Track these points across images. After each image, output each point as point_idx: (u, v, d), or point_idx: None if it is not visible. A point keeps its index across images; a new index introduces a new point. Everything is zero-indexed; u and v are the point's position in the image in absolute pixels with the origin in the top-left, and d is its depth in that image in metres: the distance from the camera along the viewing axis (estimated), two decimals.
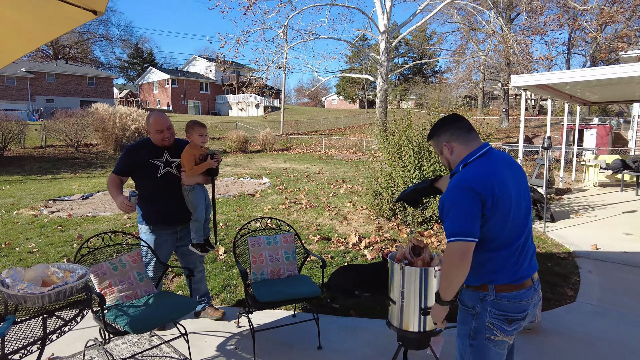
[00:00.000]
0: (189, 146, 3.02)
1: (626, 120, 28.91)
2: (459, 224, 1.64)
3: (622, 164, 10.11)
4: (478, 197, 1.64)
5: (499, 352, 1.77)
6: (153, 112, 3.07)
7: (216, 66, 24.61)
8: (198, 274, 3.36)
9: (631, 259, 4.94)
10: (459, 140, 1.83)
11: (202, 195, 3.10)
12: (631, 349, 3.03)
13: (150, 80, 49.94)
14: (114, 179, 3.06)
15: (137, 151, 3.06)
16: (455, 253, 1.63)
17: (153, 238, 3.09)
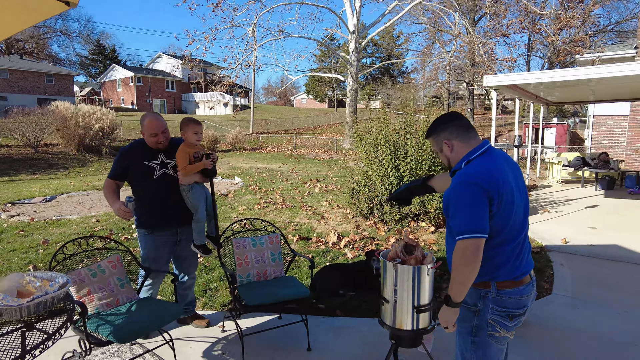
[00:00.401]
0: (183, 145, 2.90)
1: (582, 120, 30.44)
2: (469, 221, 1.63)
3: (582, 161, 10.62)
4: (485, 193, 1.64)
5: (500, 347, 1.79)
6: (148, 115, 2.93)
7: (183, 64, 24.06)
8: (189, 281, 3.22)
9: (597, 251, 5.18)
10: (459, 138, 1.82)
11: (202, 195, 2.97)
12: (606, 338, 3.16)
13: (114, 78, 48.18)
14: (109, 185, 2.93)
15: (131, 154, 2.92)
16: (469, 250, 1.61)
17: (151, 242, 2.98)
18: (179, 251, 3.10)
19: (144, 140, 2.95)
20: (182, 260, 3.16)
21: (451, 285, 1.71)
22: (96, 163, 16.07)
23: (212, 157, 2.94)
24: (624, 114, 16.37)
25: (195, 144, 2.92)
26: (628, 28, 32.44)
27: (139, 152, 2.92)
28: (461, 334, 1.87)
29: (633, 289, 4.10)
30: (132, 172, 2.90)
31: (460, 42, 28.05)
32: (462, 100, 45.64)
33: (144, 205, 2.91)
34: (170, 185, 2.94)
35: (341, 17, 22.24)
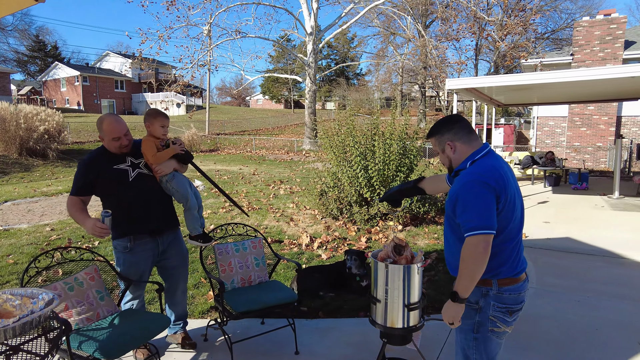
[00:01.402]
0: (147, 137, 2.72)
1: (526, 120, 32.40)
2: (479, 218, 1.68)
3: (532, 160, 11.30)
4: (493, 191, 1.71)
5: (499, 342, 1.88)
6: (106, 117, 2.64)
7: (135, 63, 23.07)
8: (179, 295, 2.97)
9: (554, 244, 5.55)
10: (462, 140, 1.89)
11: (185, 181, 2.76)
12: (570, 323, 3.40)
13: (57, 77, 45.27)
14: (74, 202, 2.63)
15: (95, 163, 2.65)
16: (480, 246, 1.67)
17: (130, 260, 2.71)
18: (164, 262, 2.86)
19: (104, 147, 2.69)
20: (169, 272, 2.91)
21: (459, 281, 1.75)
22: (42, 167, 15.07)
23: (178, 141, 2.76)
24: (563, 115, 17.62)
25: (161, 138, 2.74)
26: (562, 36, 35.00)
27: (102, 160, 2.66)
28: (463, 330, 1.93)
29: (587, 277, 4.43)
30: (101, 182, 2.63)
31: (413, 45, 28.99)
32: (415, 102, 47.10)
33: (123, 214, 2.62)
34: (149, 185, 2.72)
35: (298, 19, 22.27)
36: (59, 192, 10.26)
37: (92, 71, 45.20)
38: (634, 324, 3.39)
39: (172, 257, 2.86)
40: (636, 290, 4.11)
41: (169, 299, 2.97)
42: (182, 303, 3.04)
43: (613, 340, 3.15)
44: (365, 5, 22.58)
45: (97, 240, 5.87)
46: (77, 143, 20.78)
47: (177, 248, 2.90)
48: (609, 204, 8.01)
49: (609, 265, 4.82)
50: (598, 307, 3.71)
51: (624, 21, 15.35)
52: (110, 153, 2.68)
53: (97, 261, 2.78)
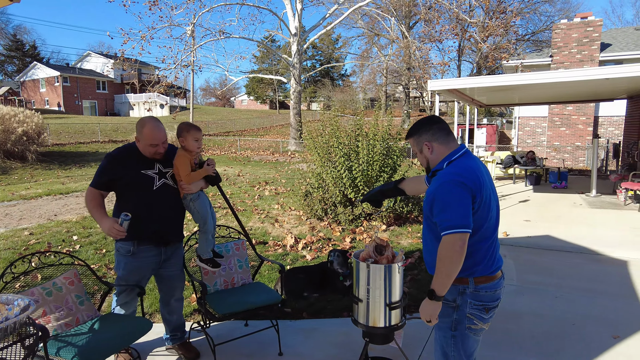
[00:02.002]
0: (181, 151, 2.65)
1: (508, 120, 32.96)
2: (456, 217, 1.71)
3: (513, 159, 11.51)
4: (470, 191, 1.75)
5: (476, 338, 1.92)
6: (147, 121, 2.59)
7: (117, 64, 22.72)
8: (174, 304, 2.91)
9: (534, 242, 5.67)
10: (439, 141, 1.92)
11: (208, 203, 2.74)
12: (548, 319, 3.48)
13: (36, 77, 44.24)
14: (95, 196, 2.56)
15: (124, 161, 2.59)
16: (457, 244, 1.70)
17: (133, 264, 2.65)
18: (162, 271, 2.81)
19: (134, 146, 2.63)
20: (166, 281, 2.86)
21: (436, 279, 1.78)
22: (20, 170, 14.72)
23: (210, 162, 2.73)
24: (544, 115, 18.00)
25: (195, 152, 2.70)
26: (542, 38, 35.77)
27: (133, 160, 2.59)
28: (441, 328, 1.96)
29: (566, 274, 4.53)
30: (125, 182, 2.57)
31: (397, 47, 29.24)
32: (399, 103, 47.51)
33: (138, 220, 2.54)
34: (169, 197, 2.67)
35: (282, 19, 22.25)
36: (39, 196, 10.04)
37: (73, 71, 44.33)
38: (608, 318, 3.49)
39: (172, 267, 2.83)
40: (611, 285, 4.22)
41: (164, 307, 2.93)
42: (178, 312, 2.97)
43: (589, 334, 3.24)
44: (350, 6, 22.68)
45: (78, 244, 5.77)
46: (57, 145, 20.34)
47: (177, 258, 2.87)
48: (586, 202, 8.22)
49: (587, 262, 4.95)
50: (575, 303, 3.81)
51: (600, 24, 15.76)
52: (141, 155, 2.63)
53: (77, 265, 2.73)
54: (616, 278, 4.42)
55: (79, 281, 2.57)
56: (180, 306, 2.97)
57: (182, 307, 3.01)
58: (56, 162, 16.83)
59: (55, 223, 7.02)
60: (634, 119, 11.46)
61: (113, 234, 2.44)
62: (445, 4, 20.91)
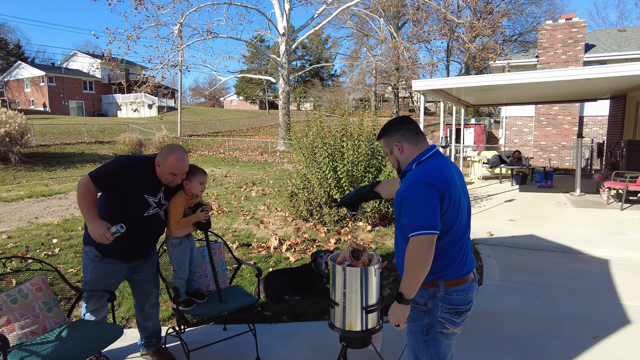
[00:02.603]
0: (181, 193, 2.64)
1: (496, 120, 33.26)
2: (423, 218, 1.69)
3: (499, 159, 11.58)
4: (438, 191, 1.73)
5: (449, 342, 1.89)
6: (176, 150, 2.51)
7: (103, 63, 22.44)
8: (149, 309, 2.83)
9: (518, 241, 5.68)
10: (409, 142, 1.91)
11: (188, 251, 2.74)
12: (529, 319, 3.48)
13: (20, 77, 43.48)
14: (92, 192, 2.42)
15: (135, 173, 2.50)
16: (424, 245, 1.67)
17: (101, 269, 2.58)
18: (135, 276, 2.74)
19: (153, 165, 2.55)
20: (139, 286, 2.79)
21: (404, 282, 1.75)
22: (2, 172, 14.43)
23: (206, 208, 2.70)
24: (530, 115, 18.17)
25: (199, 195, 2.71)
26: (529, 38, 36.17)
27: (143, 178, 2.52)
28: (413, 333, 1.94)
29: (548, 274, 4.55)
30: (124, 192, 2.48)
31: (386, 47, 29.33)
32: (389, 103, 47.67)
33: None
34: (155, 225, 2.65)
35: (270, 19, 22.15)
36: (20, 198, 9.84)
37: (59, 71, 43.68)
38: (588, 317, 3.50)
39: (144, 271, 2.77)
40: (592, 284, 4.25)
41: (139, 314, 2.86)
42: (154, 318, 2.90)
43: (568, 334, 3.24)
44: (338, 6, 22.67)
45: (57, 247, 5.65)
46: (42, 146, 20.00)
47: (149, 262, 2.81)
48: (570, 201, 8.29)
49: (569, 261, 4.97)
50: (557, 302, 3.82)
51: (584, 25, 15.95)
52: (154, 177, 2.56)
53: (46, 271, 2.65)
54: (597, 277, 4.44)
55: (47, 287, 2.49)
56: (155, 312, 2.90)
57: (157, 313, 2.93)
58: (40, 163, 16.54)
59: (36, 226, 6.88)
60: (616, 118, 11.62)
61: (102, 239, 2.37)
62: (432, 5, 21.01)
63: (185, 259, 2.74)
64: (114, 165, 2.49)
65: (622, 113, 11.08)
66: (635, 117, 10.13)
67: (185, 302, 2.73)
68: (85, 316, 2.66)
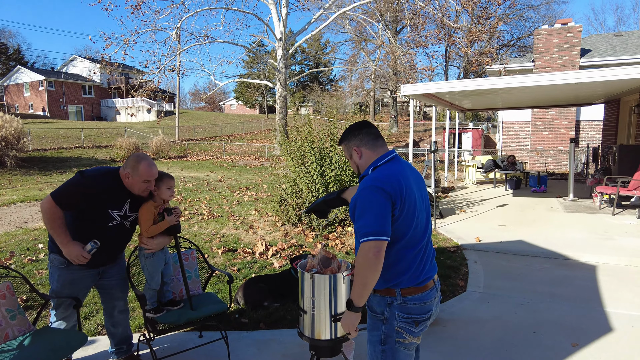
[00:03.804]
0: (149, 202, 2.62)
1: (494, 125, 33.24)
2: (372, 223, 1.66)
3: (494, 163, 11.55)
4: (389, 197, 1.70)
5: (408, 353, 1.85)
6: (144, 157, 2.51)
7: (101, 68, 22.47)
8: (118, 315, 2.80)
9: (506, 247, 5.64)
10: (367, 146, 1.90)
11: (161, 262, 2.72)
12: (510, 327, 3.43)
13: (20, 81, 43.64)
14: (59, 215, 2.40)
15: (98, 188, 2.46)
16: (371, 251, 1.64)
17: (67, 276, 2.55)
18: (102, 281, 2.72)
19: (118, 178, 2.51)
20: (106, 292, 2.76)
21: (353, 288, 1.71)
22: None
23: (175, 211, 2.68)
24: (527, 119, 18.16)
25: (168, 200, 2.68)
26: (527, 43, 36.24)
27: (107, 194, 2.49)
28: (372, 342, 1.89)
29: (534, 280, 4.50)
30: (88, 212, 2.46)
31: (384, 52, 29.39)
32: (387, 108, 47.69)
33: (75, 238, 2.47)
34: (120, 235, 2.64)
35: (268, 24, 22.20)
36: (13, 202, 9.81)
37: (58, 76, 43.82)
38: (570, 325, 3.46)
39: (112, 277, 2.74)
40: (576, 290, 4.20)
41: (108, 320, 2.83)
42: (123, 324, 2.87)
43: (548, 342, 3.19)
44: (335, 11, 22.73)
45: (42, 252, 5.62)
46: (38, 150, 20.01)
47: (117, 267, 2.78)
48: (563, 206, 8.24)
49: (555, 267, 4.93)
50: (539, 309, 3.77)
51: (580, 30, 15.97)
52: (119, 190, 2.53)
53: (11, 277, 2.61)
54: (582, 283, 4.40)
55: (11, 294, 2.45)
56: (125, 318, 2.87)
57: (127, 319, 2.90)
58: (36, 167, 16.53)
59: (24, 231, 6.85)
60: (610, 123, 11.59)
61: (80, 260, 2.40)
62: (430, 10, 21.06)
63: (158, 271, 2.72)
64: (75, 184, 2.45)
65: (616, 118, 11.06)
66: (629, 122, 10.11)
67: (154, 309, 2.70)
68: (54, 324, 2.62)
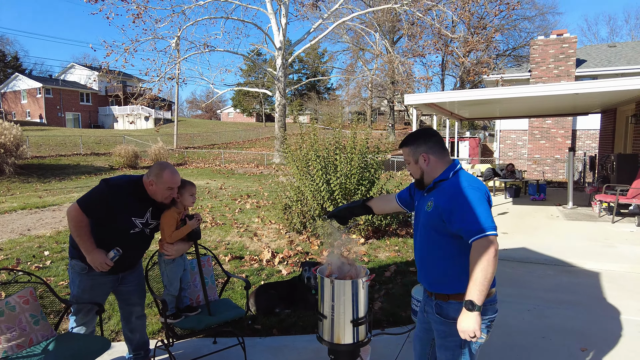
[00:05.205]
0: (172, 209, 2.67)
1: (490, 133, 33.52)
2: (486, 220, 1.69)
3: (493, 172, 11.67)
4: (486, 198, 1.80)
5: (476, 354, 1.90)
6: (167, 165, 2.57)
7: (101, 76, 22.55)
8: (135, 321, 2.84)
9: (510, 254, 5.71)
10: (436, 155, 1.94)
11: (180, 269, 2.77)
12: (519, 332, 3.49)
13: (17, 89, 43.62)
14: (84, 221, 2.45)
15: (122, 197, 2.51)
16: (494, 246, 1.65)
17: (87, 282, 2.59)
18: (121, 287, 2.75)
19: (142, 186, 2.56)
20: (124, 297, 2.80)
21: (473, 288, 1.67)
22: None
23: (197, 216, 2.74)
24: (524, 128, 18.36)
25: (190, 206, 2.75)
26: (522, 53, 36.72)
27: (131, 202, 2.54)
28: (449, 348, 1.88)
29: (538, 287, 4.57)
30: (111, 216, 2.49)
31: (381, 61, 29.68)
32: (384, 116, 48.00)
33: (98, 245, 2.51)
34: (140, 241, 2.68)
35: (267, 33, 22.41)
36: (13, 210, 9.80)
37: (56, 83, 43.84)
38: (577, 330, 3.52)
39: (130, 282, 2.78)
40: (582, 297, 4.27)
41: (125, 325, 2.86)
42: (140, 330, 2.90)
43: (557, 347, 3.25)
44: (334, 21, 22.99)
45: (48, 260, 5.63)
46: (37, 157, 19.97)
47: (135, 274, 2.83)
48: (563, 214, 8.35)
49: (559, 273, 5.00)
50: (547, 315, 3.83)
51: (575, 41, 16.25)
52: (141, 199, 2.58)
53: (34, 283, 2.65)
54: (586, 289, 4.47)
55: (34, 300, 2.49)
56: (142, 324, 2.90)
57: (144, 324, 2.94)
58: (35, 175, 16.50)
59: (28, 238, 6.85)
60: (607, 132, 11.77)
61: (103, 267, 2.44)
62: (427, 20, 21.35)
63: (177, 277, 2.77)
64: (100, 193, 2.49)
65: (612, 127, 11.23)
66: (626, 131, 10.27)
67: (173, 314, 2.74)
68: (73, 330, 2.65)
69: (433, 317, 1.95)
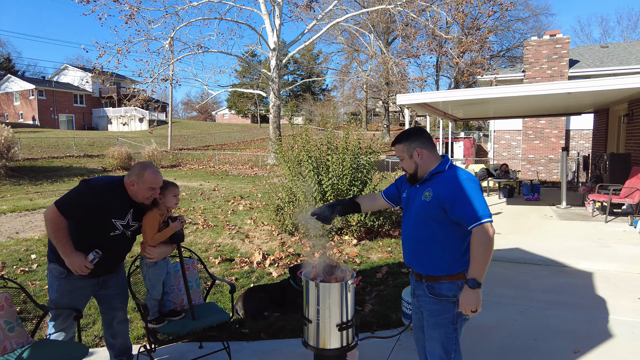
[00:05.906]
0: (154, 210, 2.61)
1: (485, 134, 33.61)
2: (484, 208, 1.92)
3: (487, 172, 11.65)
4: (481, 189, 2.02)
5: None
6: (149, 165, 2.52)
7: (93, 77, 22.38)
8: (117, 326, 2.75)
9: (503, 255, 5.66)
10: (428, 149, 2.12)
11: (163, 272, 2.70)
12: (512, 333, 3.44)
13: (10, 90, 43.26)
14: (63, 225, 2.37)
15: (102, 198, 2.44)
16: (491, 231, 1.90)
17: (66, 286, 2.51)
18: (102, 291, 2.67)
19: (122, 187, 2.50)
20: (105, 301, 2.71)
21: (476, 268, 1.91)
22: None
23: (180, 218, 2.69)
24: (518, 129, 18.39)
25: (173, 208, 2.70)
26: (516, 54, 36.91)
27: (111, 204, 2.47)
28: (442, 325, 2.05)
29: (533, 287, 4.52)
30: (91, 218, 2.43)
31: (376, 62, 29.70)
32: (379, 117, 48.01)
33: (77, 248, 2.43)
34: (121, 244, 2.62)
35: (261, 35, 22.34)
36: (3, 212, 9.66)
37: (49, 85, 43.51)
38: (570, 331, 3.47)
39: (112, 287, 2.70)
40: (575, 297, 4.23)
41: (107, 330, 2.78)
42: (123, 335, 2.81)
43: (549, 349, 3.20)
44: (328, 22, 22.95)
45: (35, 263, 5.53)
46: (29, 159, 19.77)
47: (117, 277, 2.74)
48: (557, 214, 8.33)
49: (553, 274, 4.96)
50: (540, 316, 3.79)
51: (568, 41, 16.30)
52: (122, 200, 2.50)
53: (11, 289, 2.56)
54: (580, 290, 4.43)
55: (10, 306, 2.40)
56: (124, 329, 2.82)
57: (127, 329, 2.85)
58: (27, 177, 16.32)
59: (15, 241, 6.74)
60: (600, 132, 11.79)
61: (83, 270, 2.38)
62: (421, 21, 21.37)
63: (159, 280, 2.70)
64: (79, 194, 2.42)
65: (605, 127, 11.25)
66: (618, 131, 10.29)
67: (156, 319, 2.66)
68: (52, 336, 2.57)
69: (425, 299, 2.11)
